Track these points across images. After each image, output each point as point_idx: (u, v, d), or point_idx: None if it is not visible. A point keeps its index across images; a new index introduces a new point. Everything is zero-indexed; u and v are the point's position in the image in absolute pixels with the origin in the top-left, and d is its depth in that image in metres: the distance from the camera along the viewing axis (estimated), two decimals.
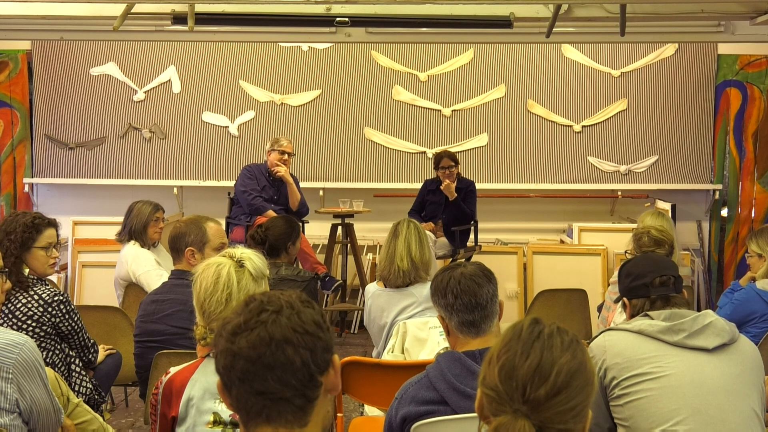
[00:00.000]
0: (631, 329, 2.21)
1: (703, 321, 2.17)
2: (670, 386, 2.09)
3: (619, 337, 2.22)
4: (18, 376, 2.18)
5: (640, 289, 2.34)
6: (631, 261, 2.51)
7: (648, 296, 2.33)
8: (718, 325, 2.18)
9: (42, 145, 7.13)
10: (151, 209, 4.64)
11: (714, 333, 2.16)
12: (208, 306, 2.15)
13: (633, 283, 2.37)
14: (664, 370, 2.12)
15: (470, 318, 2.20)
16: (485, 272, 2.29)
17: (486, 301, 2.22)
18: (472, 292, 2.21)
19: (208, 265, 2.22)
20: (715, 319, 2.19)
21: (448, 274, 2.28)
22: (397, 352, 3.35)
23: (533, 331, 1.39)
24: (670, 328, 2.16)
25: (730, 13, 5.13)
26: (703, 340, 2.15)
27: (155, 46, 7.06)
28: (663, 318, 2.20)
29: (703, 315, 2.20)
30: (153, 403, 2.12)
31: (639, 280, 2.36)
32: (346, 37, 5.75)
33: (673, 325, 2.16)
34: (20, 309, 3.13)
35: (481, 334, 2.21)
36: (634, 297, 2.37)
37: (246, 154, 7.03)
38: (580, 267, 6.44)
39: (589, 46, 7.02)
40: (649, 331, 2.17)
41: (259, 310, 1.37)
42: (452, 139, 7.11)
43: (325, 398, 1.39)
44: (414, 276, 3.59)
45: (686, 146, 7.04)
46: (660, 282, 2.32)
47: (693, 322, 2.16)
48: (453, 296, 2.22)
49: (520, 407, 1.32)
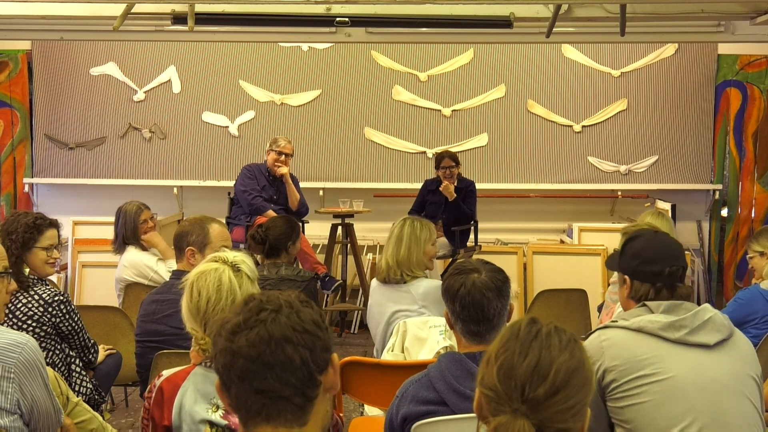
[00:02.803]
0: (630, 327, 2.13)
1: (704, 316, 2.12)
2: (674, 389, 2.05)
3: (618, 337, 2.13)
4: (20, 375, 2.17)
5: (647, 275, 2.24)
6: (640, 239, 2.33)
7: (654, 284, 2.22)
8: (718, 320, 2.13)
9: (42, 145, 7.14)
10: (134, 212, 4.56)
11: (714, 329, 2.11)
12: (212, 315, 2.10)
13: (641, 267, 2.25)
14: (667, 371, 2.06)
15: (475, 329, 2.19)
16: (497, 284, 2.21)
17: (493, 316, 2.18)
18: (480, 306, 2.17)
19: (204, 272, 2.17)
20: (715, 314, 2.14)
21: (461, 279, 2.21)
22: (396, 351, 3.36)
23: (531, 331, 1.39)
24: (671, 325, 2.10)
25: (730, 13, 5.13)
26: (704, 336, 2.10)
27: (155, 46, 7.06)
28: (663, 310, 2.14)
29: (702, 310, 2.14)
30: (146, 406, 2.11)
31: (648, 265, 2.24)
32: (346, 37, 5.75)
33: (674, 321, 2.10)
34: (20, 309, 3.13)
35: (485, 343, 2.19)
36: (637, 279, 2.26)
37: (246, 154, 7.03)
38: (580, 267, 6.44)
39: (589, 46, 7.02)
40: (649, 328, 2.11)
41: (259, 309, 1.38)
42: (452, 139, 7.11)
43: (324, 397, 1.39)
44: (405, 274, 3.64)
45: (686, 146, 7.04)
46: (669, 272, 2.22)
47: (694, 318, 2.11)
48: (461, 306, 2.19)
49: (519, 407, 1.32)
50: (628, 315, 2.19)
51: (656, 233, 2.37)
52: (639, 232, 2.38)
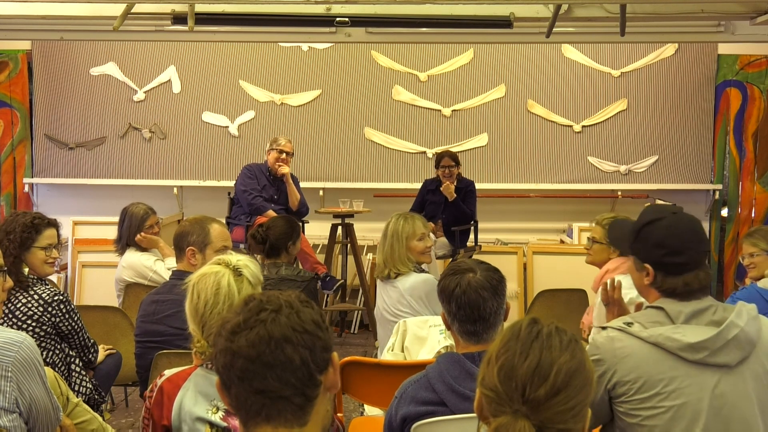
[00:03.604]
0: (648, 340, 1.99)
1: (728, 335, 1.96)
2: (686, 413, 1.96)
3: (634, 348, 2.00)
4: (17, 374, 2.17)
5: (675, 267, 2.06)
6: (662, 223, 2.12)
7: (681, 274, 2.06)
8: (743, 337, 1.98)
9: (42, 145, 7.13)
10: (141, 216, 4.54)
11: (738, 347, 1.97)
12: (209, 318, 2.11)
13: (667, 259, 2.07)
14: (682, 394, 1.96)
15: (472, 328, 2.18)
16: (493, 283, 2.20)
17: (489, 315, 2.17)
18: (475, 305, 2.16)
19: (205, 275, 2.18)
20: (740, 331, 1.97)
21: (456, 279, 2.21)
22: (397, 350, 3.37)
23: (532, 331, 1.39)
24: (692, 347, 1.95)
25: (730, 13, 5.13)
26: (725, 356, 1.97)
27: (155, 46, 7.06)
28: (684, 319, 2.02)
29: (728, 327, 1.97)
30: (147, 406, 2.11)
31: (675, 256, 2.07)
32: (346, 37, 5.75)
33: (695, 344, 1.96)
34: (20, 309, 3.13)
35: (482, 342, 2.19)
36: (663, 271, 2.08)
37: (246, 154, 7.03)
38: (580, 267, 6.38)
39: (589, 46, 7.02)
40: (667, 346, 1.97)
41: (259, 309, 1.38)
42: (452, 139, 7.11)
43: (324, 397, 1.39)
44: (391, 271, 3.87)
45: (686, 146, 7.04)
46: (696, 260, 2.06)
47: (717, 338, 1.96)
48: (456, 306, 2.19)
49: (519, 407, 1.32)
50: (646, 320, 2.07)
51: (675, 215, 2.13)
52: (658, 214, 2.16)
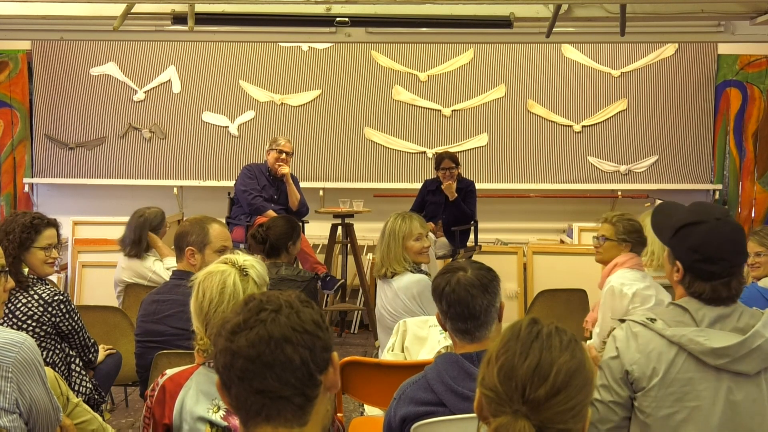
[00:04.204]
0: (671, 338, 2.03)
1: (752, 344, 1.99)
2: (698, 418, 1.99)
3: (656, 344, 2.04)
4: (17, 374, 2.17)
5: (706, 274, 2.07)
6: (702, 228, 2.10)
7: (711, 281, 2.07)
8: (766, 348, 2.00)
9: (42, 145, 7.13)
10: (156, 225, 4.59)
11: (760, 357, 2.00)
12: (213, 316, 2.11)
13: (699, 265, 2.07)
14: (695, 397, 2.00)
15: (464, 327, 2.18)
16: (483, 281, 2.20)
17: (480, 312, 2.17)
18: (465, 303, 2.16)
19: (211, 273, 2.18)
20: (765, 341, 2.00)
21: (446, 278, 2.22)
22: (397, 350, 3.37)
23: (532, 331, 1.39)
24: (714, 352, 1.99)
25: (730, 13, 5.13)
26: (745, 365, 2.00)
27: (155, 46, 7.06)
28: (708, 323, 2.04)
29: (752, 336, 1.99)
30: (148, 405, 2.11)
31: (708, 264, 2.07)
32: (346, 37, 5.75)
33: (717, 349, 1.99)
34: (20, 309, 3.13)
35: (476, 341, 2.19)
36: (693, 274, 2.10)
37: (246, 154, 7.03)
38: (580, 267, 6.43)
39: (589, 46, 7.02)
40: (690, 348, 2.01)
41: (259, 309, 1.38)
42: (452, 139, 7.11)
43: (324, 397, 1.39)
44: (388, 270, 3.91)
45: (686, 146, 7.04)
46: (729, 272, 2.07)
47: (740, 347, 1.99)
48: (447, 304, 2.19)
49: (519, 407, 1.32)
50: (669, 318, 2.10)
51: (719, 221, 2.11)
52: (702, 216, 2.13)
